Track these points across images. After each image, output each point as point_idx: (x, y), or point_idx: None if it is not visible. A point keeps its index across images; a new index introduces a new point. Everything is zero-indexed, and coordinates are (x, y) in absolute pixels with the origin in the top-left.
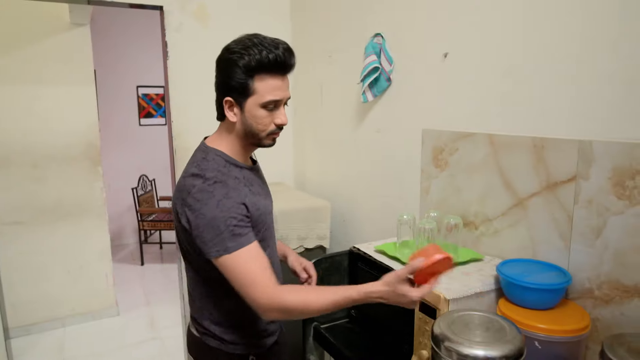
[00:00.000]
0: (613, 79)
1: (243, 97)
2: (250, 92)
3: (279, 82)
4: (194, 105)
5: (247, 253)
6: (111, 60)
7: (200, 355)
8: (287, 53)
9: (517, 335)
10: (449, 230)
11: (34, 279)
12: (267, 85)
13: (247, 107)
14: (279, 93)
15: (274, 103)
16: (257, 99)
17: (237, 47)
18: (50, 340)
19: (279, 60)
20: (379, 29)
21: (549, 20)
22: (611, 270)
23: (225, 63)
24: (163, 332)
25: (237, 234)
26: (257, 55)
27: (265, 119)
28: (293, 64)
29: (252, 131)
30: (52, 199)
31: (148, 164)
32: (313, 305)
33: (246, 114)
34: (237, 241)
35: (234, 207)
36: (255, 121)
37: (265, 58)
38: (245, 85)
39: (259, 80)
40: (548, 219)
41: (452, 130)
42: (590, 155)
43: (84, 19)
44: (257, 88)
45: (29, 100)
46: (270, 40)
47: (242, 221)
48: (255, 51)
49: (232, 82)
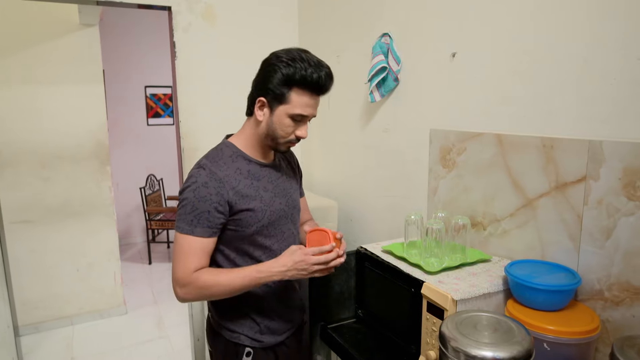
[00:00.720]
0: (623, 78)
1: (276, 102)
2: (285, 100)
3: (312, 100)
4: (201, 105)
5: (191, 243)
6: (120, 60)
7: (210, 339)
8: (328, 78)
9: (526, 337)
10: (457, 231)
11: (43, 278)
12: (302, 100)
13: (276, 112)
14: (309, 110)
15: (301, 117)
16: (288, 109)
17: (286, 56)
18: (59, 338)
19: (320, 82)
20: (387, 29)
21: (557, 19)
22: (621, 272)
23: (270, 66)
24: (170, 331)
25: (196, 221)
26: (302, 71)
27: (289, 128)
28: (329, 88)
29: (273, 134)
30: (60, 198)
31: (156, 163)
32: (222, 283)
33: (274, 118)
34: (191, 227)
35: (207, 197)
36: (280, 127)
37: (309, 76)
38: (282, 93)
39: (296, 93)
40: (557, 220)
41: (460, 130)
42: (601, 156)
43: (93, 19)
44: (292, 99)
45: (38, 100)
46: (316, 60)
47: (209, 213)
48: (302, 66)
49: (270, 86)
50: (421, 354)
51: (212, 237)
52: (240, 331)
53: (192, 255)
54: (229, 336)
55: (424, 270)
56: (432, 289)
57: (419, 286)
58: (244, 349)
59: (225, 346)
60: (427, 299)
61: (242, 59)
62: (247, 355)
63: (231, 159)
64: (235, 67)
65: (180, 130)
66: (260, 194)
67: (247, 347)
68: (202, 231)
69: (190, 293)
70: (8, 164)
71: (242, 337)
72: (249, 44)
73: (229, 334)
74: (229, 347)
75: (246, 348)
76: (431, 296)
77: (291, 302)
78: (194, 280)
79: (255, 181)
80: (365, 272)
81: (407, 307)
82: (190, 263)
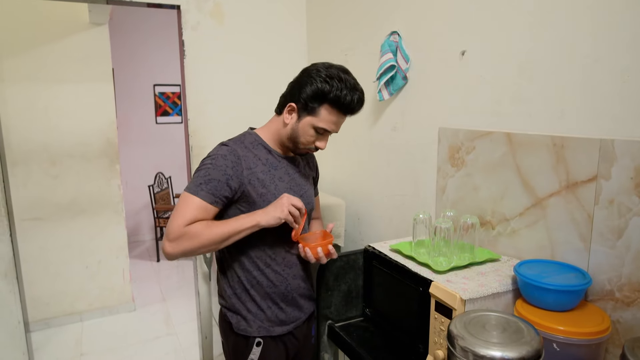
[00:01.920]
0: (635, 76)
1: (305, 112)
2: (313, 112)
3: (340, 119)
4: (210, 103)
5: (195, 201)
6: (129, 59)
7: (222, 331)
8: (360, 103)
9: (535, 337)
10: (466, 230)
11: (53, 274)
12: (330, 117)
13: (303, 121)
14: (334, 127)
15: (325, 131)
16: (315, 121)
17: (324, 72)
18: (69, 335)
19: (351, 105)
20: (395, 27)
21: (567, 17)
22: (633, 272)
23: (307, 77)
24: (178, 328)
25: (203, 185)
26: (337, 91)
27: (310, 138)
28: (358, 112)
29: (295, 139)
30: (70, 196)
31: (164, 161)
32: (203, 234)
33: (299, 125)
34: (196, 189)
35: (223, 167)
36: (303, 135)
37: (343, 97)
38: (313, 106)
39: (326, 110)
40: (567, 220)
41: (469, 128)
42: (612, 155)
43: (102, 18)
44: (320, 113)
45: (48, 98)
46: (353, 83)
47: (217, 181)
48: (338, 86)
49: (303, 95)
50: (429, 353)
51: (214, 205)
52: (251, 321)
53: (189, 213)
54: (239, 327)
55: (432, 269)
56: (441, 288)
57: (427, 285)
58: (254, 339)
59: (235, 337)
60: (435, 298)
61: (250, 57)
62: (257, 345)
63: (252, 145)
64: (244, 65)
65: (188, 129)
66: (275, 182)
67: (257, 337)
68: (206, 195)
69: (180, 245)
70: (19, 162)
71: (252, 327)
72: (257, 42)
73: (239, 324)
74: (239, 338)
75: (256, 338)
76: (439, 295)
77: (300, 291)
78: (185, 232)
79: (273, 169)
80: (373, 271)
81: (415, 306)
82: (184, 219)
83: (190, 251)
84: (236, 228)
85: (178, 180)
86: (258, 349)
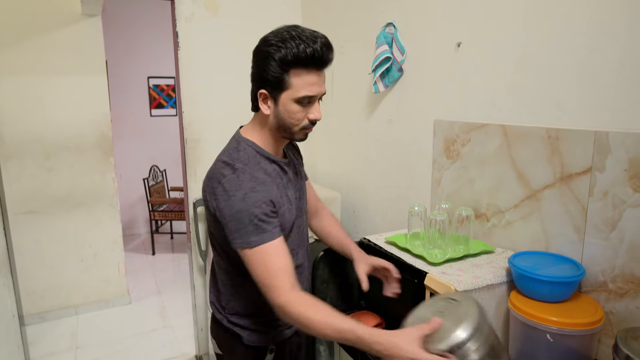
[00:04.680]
0: (631, 68)
1: (278, 90)
2: (285, 86)
3: (315, 77)
4: (204, 96)
5: (269, 249)
6: (122, 51)
7: (221, 339)
8: (325, 48)
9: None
10: (461, 222)
11: (47, 268)
12: (303, 81)
13: (281, 101)
14: (314, 89)
15: (309, 99)
16: (292, 94)
17: (275, 39)
18: (64, 328)
19: (316, 55)
20: (391, 19)
21: (563, 9)
22: (626, 264)
23: (261, 55)
24: (174, 321)
25: (261, 228)
26: (294, 49)
27: (298, 114)
28: (331, 59)
29: (284, 125)
30: (64, 189)
31: (159, 154)
32: (315, 326)
33: (280, 107)
34: (259, 236)
35: (260, 201)
36: (289, 115)
37: (302, 52)
38: (281, 79)
39: (295, 75)
40: (562, 212)
41: (465, 121)
42: (607, 147)
43: (95, 9)
44: (292, 82)
45: (41, 90)
46: (309, 34)
47: (267, 216)
48: (293, 44)
49: (267, 75)
50: None
51: (282, 235)
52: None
53: (280, 265)
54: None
55: (428, 261)
56: (436, 280)
57: (422, 277)
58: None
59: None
60: (431, 290)
61: (245, 49)
62: (270, 353)
63: (256, 160)
64: (238, 57)
65: (183, 121)
66: (287, 192)
67: (269, 346)
68: (272, 233)
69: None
70: (12, 155)
71: (263, 336)
72: (252, 33)
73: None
74: (249, 350)
75: (269, 347)
76: (434, 287)
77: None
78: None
79: (280, 179)
80: None
81: (411, 298)
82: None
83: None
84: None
85: (173, 173)
86: (271, 356)
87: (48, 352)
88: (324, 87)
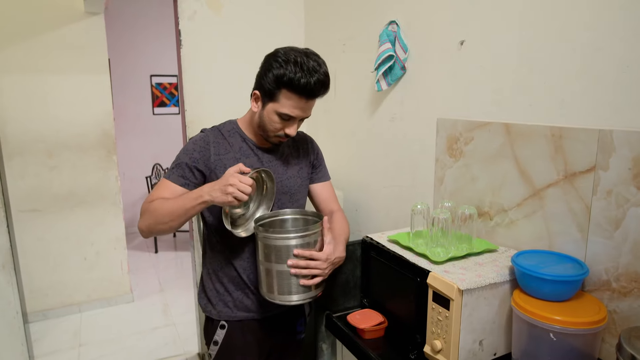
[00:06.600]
0: (635, 67)
1: (267, 98)
2: (274, 99)
3: (303, 103)
4: (207, 94)
5: (166, 184)
6: (125, 49)
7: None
8: (319, 84)
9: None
10: (463, 221)
11: (51, 266)
12: (290, 102)
13: (267, 108)
14: (296, 112)
15: (289, 117)
16: (277, 107)
17: (282, 57)
18: (67, 325)
19: (308, 87)
20: (394, 17)
21: (567, 7)
22: (630, 262)
23: (267, 64)
24: (176, 319)
25: (174, 169)
26: (291, 74)
27: (277, 125)
28: (321, 94)
29: (263, 127)
30: (67, 187)
31: (162, 152)
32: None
33: (264, 112)
34: (169, 172)
35: (190, 152)
36: (269, 122)
37: (297, 80)
38: (273, 92)
39: (285, 95)
40: (565, 210)
41: (468, 119)
42: (610, 145)
43: (98, 7)
44: (280, 99)
45: (44, 89)
46: (312, 66)
47: (187, 165)
48: (292, 70)
49: (264, 82)
50: (426, 343)
51: (185, 187)
52: (215, 304)
53: (157, 193)
54: (205, 309)
55: (430, 260)
56: (438, 278)
57: (424, 276)
58: (219, 322)
59: (205, 318)
60: (433, 289)
61: (248, 47)
62: (221, 328)
63: (229, 133)
64: (241, 55)
65: (185, 120)
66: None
67: (221, 320)
68: (176, 178)
69: (144, 220)
70: (15, 153)
71: (215, 309)
72: (255, 32)
73: (206, 307)
74: (207, 320)
75: (220, 321)
76: (437, 286)
77: None
78: (147, 207)
79: (243, 158)
80: (371, 262)
81: (413, 296)
82: (151, 198)
83: (154, 225)
84: (184, 202)
85: None
86: (222, 332)
87: (51, 350)
88: (309, 112)
